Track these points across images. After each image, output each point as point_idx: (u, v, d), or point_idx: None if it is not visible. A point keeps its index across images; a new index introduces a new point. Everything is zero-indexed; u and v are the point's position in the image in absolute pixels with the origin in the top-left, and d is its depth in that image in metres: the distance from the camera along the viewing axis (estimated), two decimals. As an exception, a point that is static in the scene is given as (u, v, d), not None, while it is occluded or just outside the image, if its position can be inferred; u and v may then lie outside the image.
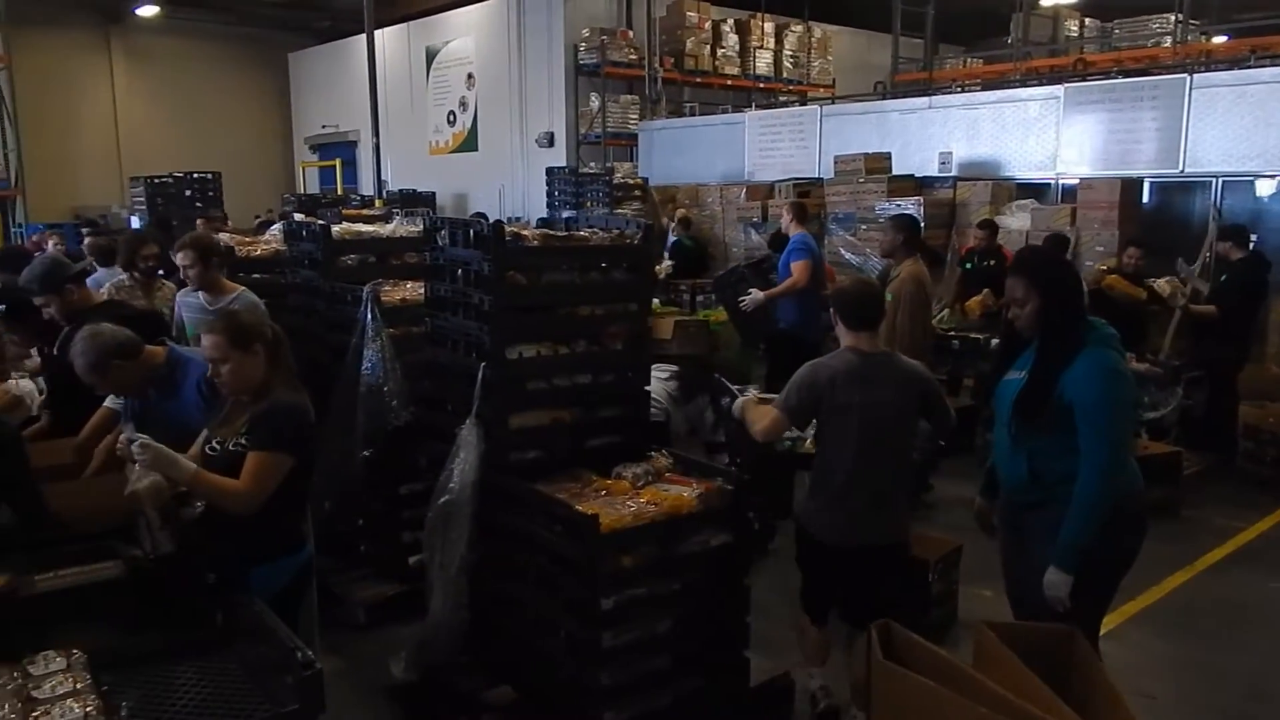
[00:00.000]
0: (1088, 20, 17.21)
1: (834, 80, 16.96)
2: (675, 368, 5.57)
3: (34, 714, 2.19)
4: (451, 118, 17.04)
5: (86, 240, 7.62)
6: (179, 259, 4.54)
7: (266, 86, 20.44)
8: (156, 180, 13.87)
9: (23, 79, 13.12)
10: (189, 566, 2.85)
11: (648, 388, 3.77)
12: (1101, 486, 2.78)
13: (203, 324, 4.18)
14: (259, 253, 5.43)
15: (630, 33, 14.89)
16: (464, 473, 3.30)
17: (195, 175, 14.30)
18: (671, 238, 10.79)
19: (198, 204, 13.45)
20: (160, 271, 5.46)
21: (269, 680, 2.47)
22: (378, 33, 14.17)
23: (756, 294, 6.57)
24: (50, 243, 9.01)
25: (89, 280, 5.23)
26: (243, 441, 2.80)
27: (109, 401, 3.62)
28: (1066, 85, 9.86)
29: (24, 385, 3.53)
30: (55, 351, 4.08)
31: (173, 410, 3.28)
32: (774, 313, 6.64)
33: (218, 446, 2.87)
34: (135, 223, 11.86)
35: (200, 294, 4.56)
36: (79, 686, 2.31)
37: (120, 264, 5.49)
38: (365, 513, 4.55)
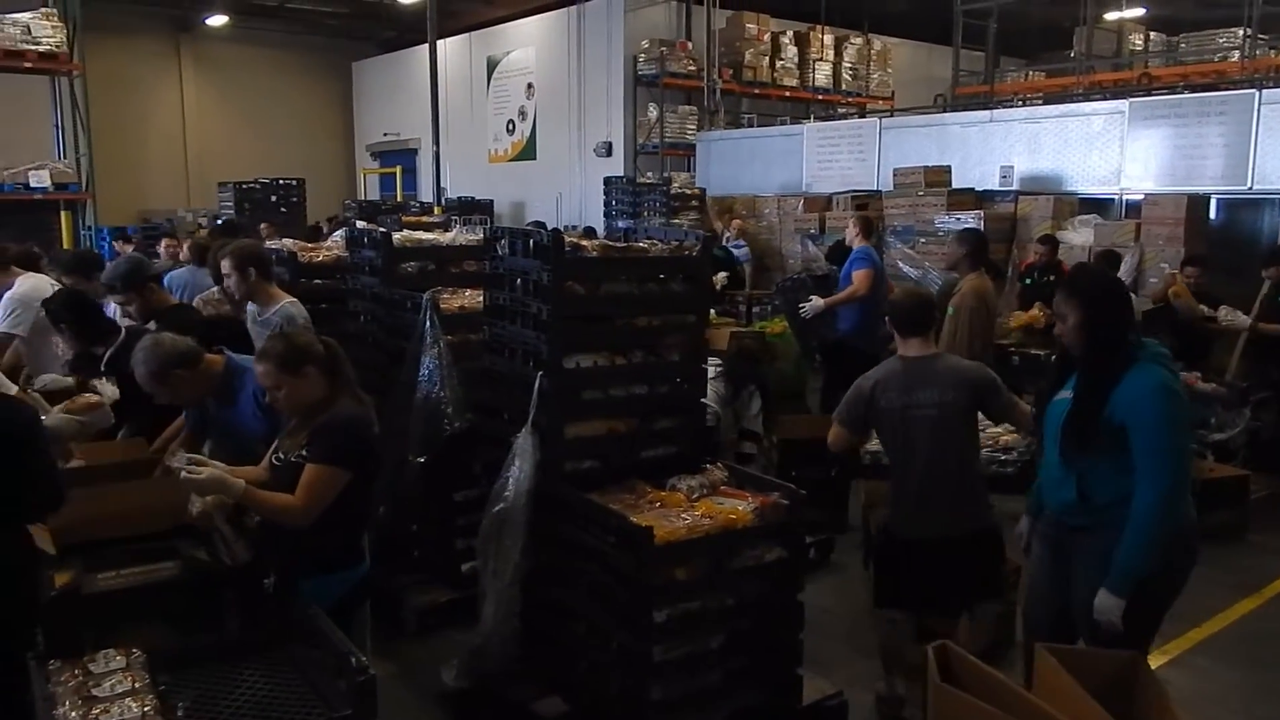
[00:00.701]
0: (1153, 34, 16.82)
1: (893, 93, 16.79)
2: (720, 363, 5.53)
3: (94, 712, 2.22)
4: (510, 126, 17.21)
5: (188, 243, 7.67)
6: (221, 268, 4.44)
7: (330, 95, 20.84)
8: (244, 186, 14.25)
9: (95, 86, 13.54)
10: (247, 573, 2.88)
11: (704, 399, 3.74)
12: (1163, 511, 2.70)
13: (255, 334, 4.25)
14: (321, 258, 5.50)
15: (689, 44, 14.91)
16: (519, 481, 3.29)
17: (280, 181, 14.70)
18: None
19: (282, 209, 13.80)
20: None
21: (324, 685, 2.49)
22: (440, 42, 14.38)
23: (817, 300, 6.57)
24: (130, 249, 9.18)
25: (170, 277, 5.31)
26: (303, 453, 2.81)
27: None
28: (1131, 100, 9.64)
29: (107, 389, 3.60)
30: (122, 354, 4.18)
31: (231, 419, 3.32)
32: (833, 322, 6.61)
33: (282, 458, 2.89)
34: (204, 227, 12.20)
35: (251, 303, 4.47)
36: (137, 685, 2.34)
37: (210, 272, 5.05)
38: (419, 518, 4.58)
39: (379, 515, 4.07)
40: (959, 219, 8.92)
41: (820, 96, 15.91)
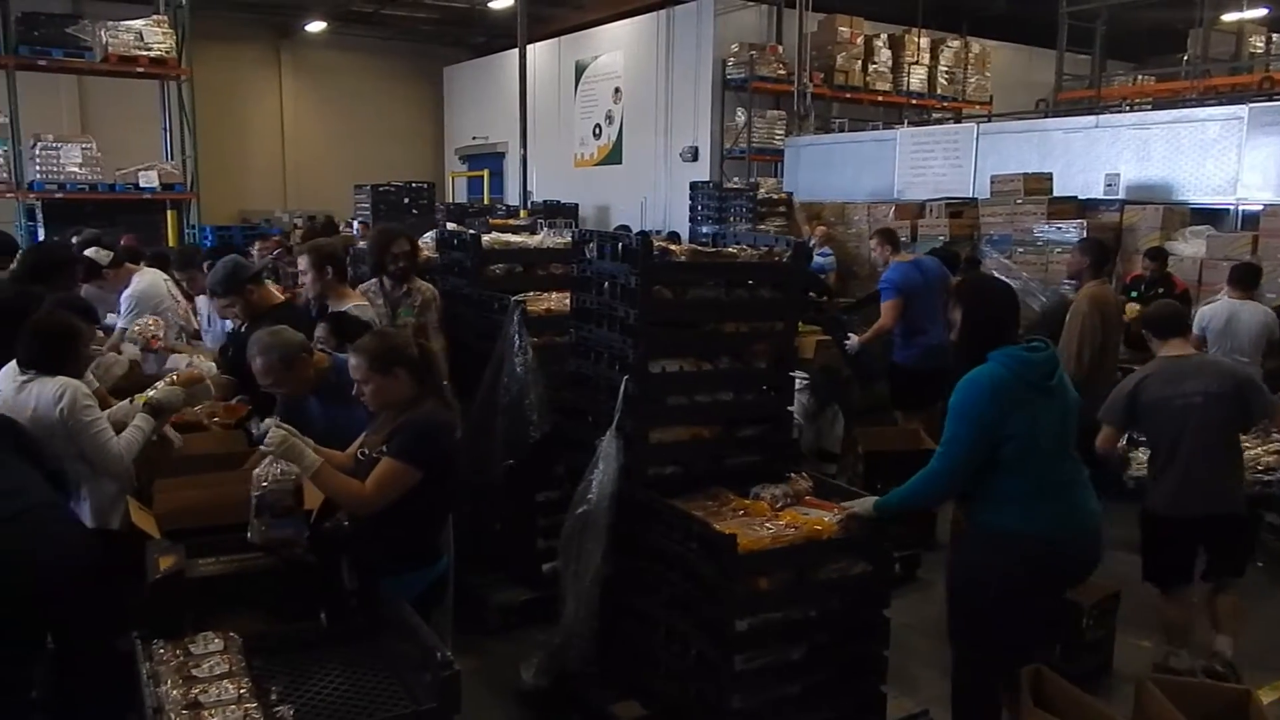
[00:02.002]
0: (1275, 35, 16.02)
1: (991, 97, 16.35)
2: (807, 377, 5.45)
3: (193, 691, 2.30)
4: (597, 130, 17.32)
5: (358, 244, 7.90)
6: (299, 265, 4.53)
7: (422, 99, 21.29)
8: (380, 188, 14.81)
9: (200, 91, 14.16)
10: (327, 568, 2.95)
11: (790, 408, 3.69)
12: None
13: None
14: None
15: (780, 48, 14.78)
16: (602, 484, 3.30)
17: (413, 184, 15.20)
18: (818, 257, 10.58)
19: (413, 211, 14.25)
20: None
21: (409, 677, 2.53)
22: (529, 47, 14.55)
23: (853, 340, 6.28)
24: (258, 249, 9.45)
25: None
26: (382, 449, 2.87)
27: None
28: (1251, 105, 9.17)
29: (205, 365, 3.74)
30: (233, 351, 4.33)
31: (338, 416, 3.31)
32: (889, 350, 6.35)
33: (366, 453, 2.95)
34: (354, 229, 12.48)
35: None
36: (233, 668, 2.42)
37: (369, 266, 4.92)
38: (502, 518, 4.63)
39: (463, 513, 4.12)
40: (1059, 228, 8.63)
41: (914, 101, 15.58)
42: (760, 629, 3.04)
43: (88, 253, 5.58)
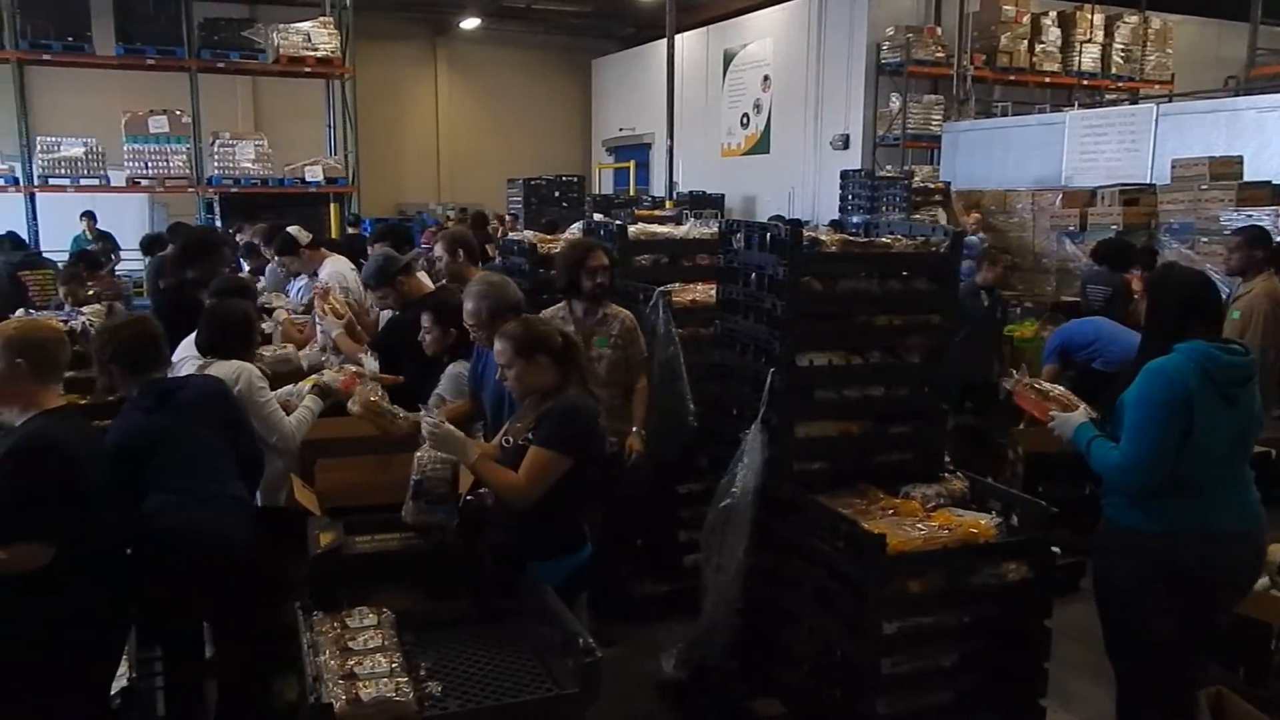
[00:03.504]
0: None
1: (1172, 76, 15.24)
2: None
3: (349, 663, 2.40)
4: (745, 120, 17.16)
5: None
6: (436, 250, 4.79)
7: (571, 92, 21.66)
8: (531, 181, 15.28)
9: (362, 88, 14.88)
10: (473, 550, 3.02)
11: (945, 406, 3.54)
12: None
13: None
14: (558, 249, 5.68)
15: (938, 30, 14.23)
16: (746, 478, 3.25)
17: (563, 177, 15.72)
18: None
19: (563, 204, 14.70)
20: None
21: (551, 660, 2.56)
22: (678, 37, 14.54)
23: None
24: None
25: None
26: (529, 437, 2.89)
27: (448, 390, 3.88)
28: None
29: (370, 364, 3.90)
30: (385, 337, 4.52)
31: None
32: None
33: (511, 441, 2.99)
34: (520, 224, 12.76)
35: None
36: (386, 643, 2.51)
37: (559, 286, 4.19)
38: (644, 508, 4.63)
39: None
40: (1249, 216, 7.94)
41: (1085, 82, 14.69)
42: (909, 633, 2.93)
43: (289, 229, 6.01)
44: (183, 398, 3.08)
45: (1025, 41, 14.27)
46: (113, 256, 10.35)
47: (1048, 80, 14.58)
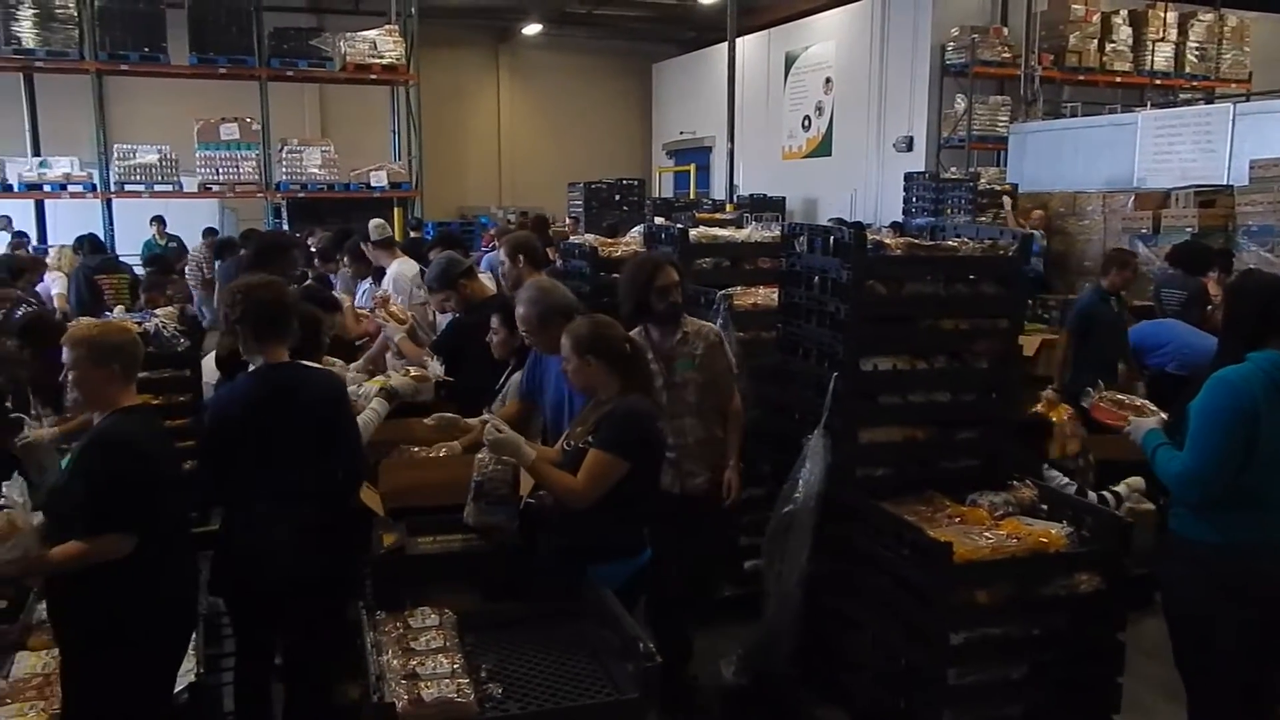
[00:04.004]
0: None
1: (1250, 74, 14.74)
2: None
3: (411, 662, 2.42)
4: (806, 123, 17.02)
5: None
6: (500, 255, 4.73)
7: (631, 96, 21.71)
8: (592, 185, 15.40)
9: (426, 94, 15.09)
10: (534, 552, 3.02)
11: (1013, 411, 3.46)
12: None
13: None
14: (619, 253, 5.70)
15: (1005, 30, 13.95)
16: (809, 484, 3.22)
17: (623, 181, 15.78)
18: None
19: (624, 208, 14.76)
20: None
21: (610, 664, 2.55)
22: (739, 40, 14.48)
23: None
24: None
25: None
26: (589, 439, 2.89)
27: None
28: None
29: (434, 367, 3.94)
30: (449, 339, 4.56)
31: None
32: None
33: (571, 444, 2.99)
34: (581, 228, 12.69)
35: None
36: (448, 643, 2.53)
37: (624, 313, 3.55)
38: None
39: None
40: (1333, 218, 7.65)
41: (1158, 81, 14.28)
42: (977, 643, 2.88)
43: (371, 224, 6.18)
44: (303, 398, 3.00)
45: (1095, 41, 13.94)
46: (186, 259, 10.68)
47: (1119, 80, 14.21)
